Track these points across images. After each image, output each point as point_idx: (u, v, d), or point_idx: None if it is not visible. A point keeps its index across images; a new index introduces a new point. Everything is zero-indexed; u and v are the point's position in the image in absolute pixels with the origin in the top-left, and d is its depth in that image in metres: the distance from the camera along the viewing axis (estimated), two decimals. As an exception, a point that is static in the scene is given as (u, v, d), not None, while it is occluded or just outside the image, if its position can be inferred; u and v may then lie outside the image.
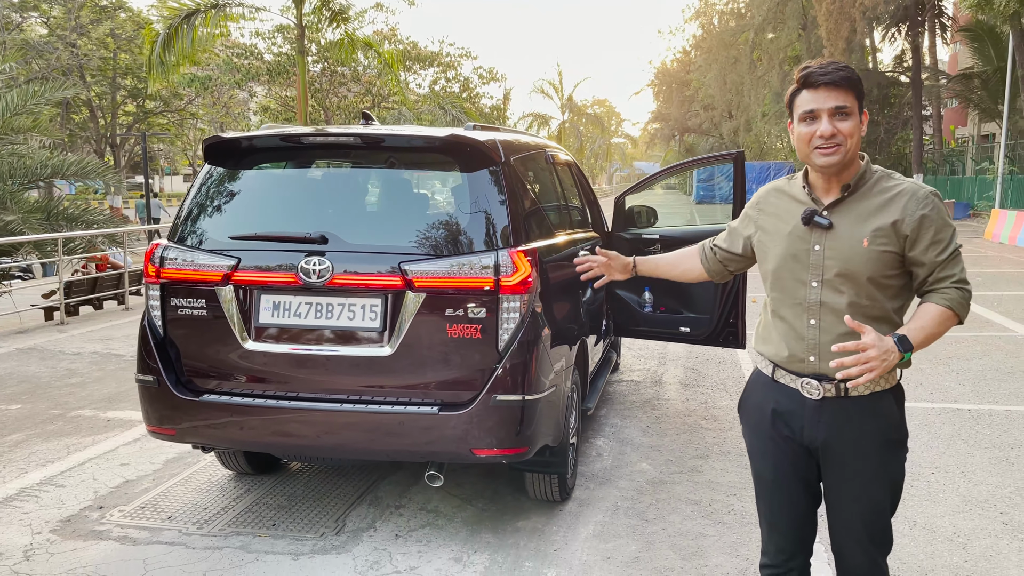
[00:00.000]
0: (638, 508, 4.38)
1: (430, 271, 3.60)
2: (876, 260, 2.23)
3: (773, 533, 2.54)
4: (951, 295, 2.23)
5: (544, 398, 3.79)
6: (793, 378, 2.37)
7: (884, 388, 2.31)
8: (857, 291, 2.26)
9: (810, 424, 2.34)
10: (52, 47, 33.34)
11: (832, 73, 2.22)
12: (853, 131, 2.23)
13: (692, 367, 7.61)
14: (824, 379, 2.30)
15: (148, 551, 3.85)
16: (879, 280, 2.25)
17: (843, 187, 2.30)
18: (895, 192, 2.27)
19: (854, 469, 2.30)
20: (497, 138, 3.99)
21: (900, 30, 36.52)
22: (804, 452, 2.40)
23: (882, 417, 2.29)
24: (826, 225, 2.28)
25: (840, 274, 2.26)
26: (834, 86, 2.21)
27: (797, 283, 2.34)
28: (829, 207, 2.31)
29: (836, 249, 2.27)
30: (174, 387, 3.84)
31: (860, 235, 2.25)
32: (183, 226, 3.99)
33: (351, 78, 33.58)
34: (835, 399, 2.31)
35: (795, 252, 2.35)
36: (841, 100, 2.22)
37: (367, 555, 3.83)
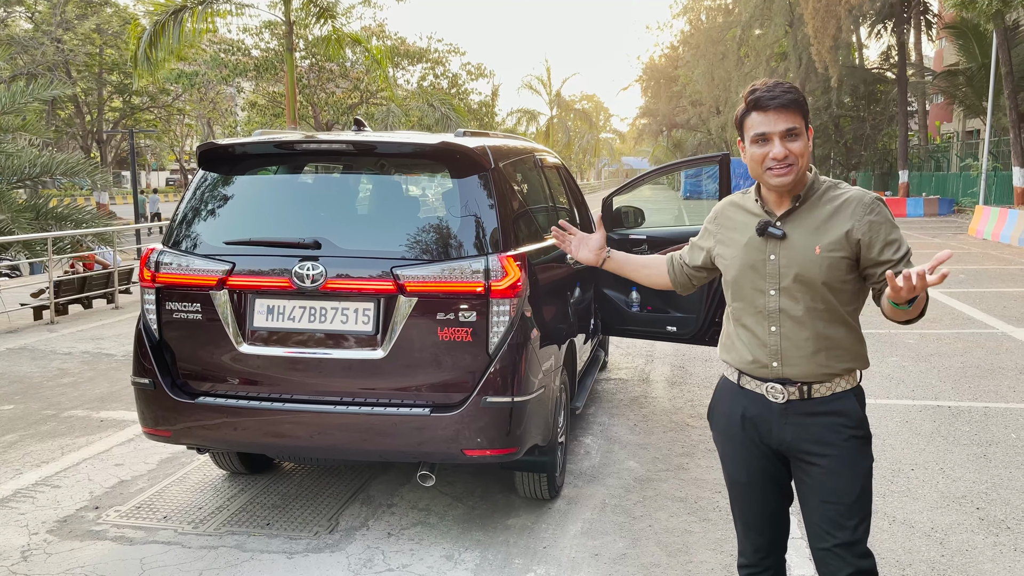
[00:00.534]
0: (625, 505, 4.47)
1: (422, 276, 3.68)
2: (830, 266, 2.34)
3: (749, 533, 2.64)
4: None
5: (533, 399, 3.88)
6: (758, 384, 2.47)
7: (845, 389, 2.42)
8: (813, 296, 2.36)
9: (777, 427, 2.45)
10: (37, 43, 33.14)
11: (781, 96, 2.32)
12: (803, 151, 2.34)
13: (679, 365, 7.71)
14: (788, 383, 2.41)
15: (145, 551, 3.92)
16: (833, 285, 2.35)
17: (794, 198, 2.41)
18: (842, 200, 2.38)
19: (823, 467, 2.39)
20: (487, 144, 4.07)
21: (886, 27, 36.75)
22: (773, 454, 2.51)
23: (845, 415, 2.39)
24: (780, 235, 2.39)
25: (796, 281, 2.37)
26: (783, 109, 2.31)
27: (756, 292, 2.45)
28: (782, 218, 2.41)
29: (791, 258, 2.38)
30: (170, 389, 3.91)
31: (813, 243, 2.36)
32: (178, 231, 4.05)
33: (339, 74, 33.52)
34: (799, 401, 2.41)
35: (752, 263, 2.45)
36: (791, 122, 2.32)
37: (360, 553, 3.91)
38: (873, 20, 37.00)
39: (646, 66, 73.31)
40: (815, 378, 2.40)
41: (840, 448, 2.38)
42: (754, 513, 2.61)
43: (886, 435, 5.51)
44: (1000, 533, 4.04)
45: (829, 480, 2.38)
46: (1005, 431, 5.54)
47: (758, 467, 2.53)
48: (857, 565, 2.36)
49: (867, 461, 2.42)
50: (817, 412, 2.40)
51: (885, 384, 6.82)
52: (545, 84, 62.38)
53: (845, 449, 2.38)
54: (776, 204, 2.45)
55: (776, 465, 2.52)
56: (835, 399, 2.40)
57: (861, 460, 2.40)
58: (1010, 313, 9.94)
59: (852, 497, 2.38)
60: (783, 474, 2.54)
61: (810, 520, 2.45)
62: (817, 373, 2.39)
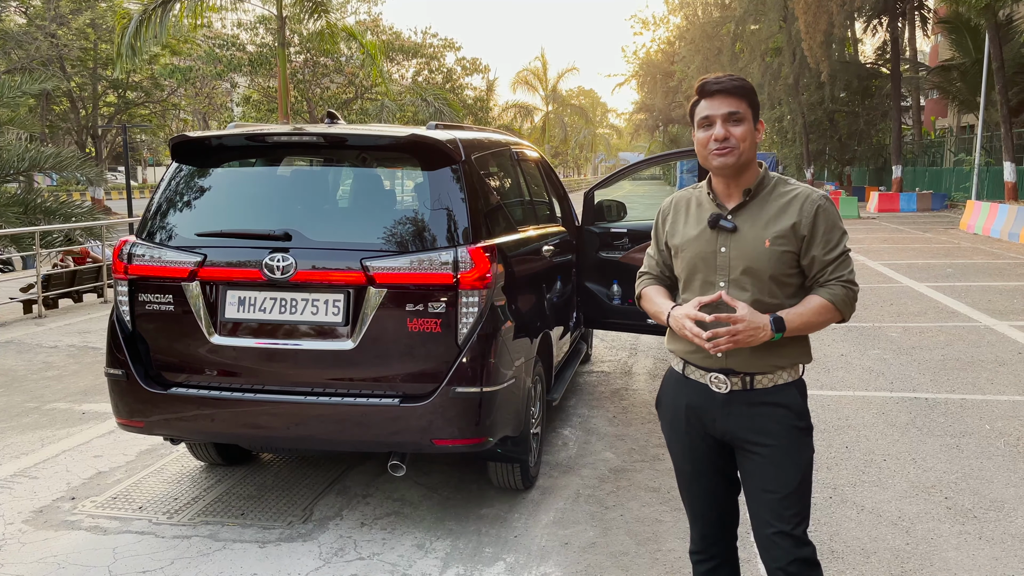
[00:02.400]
0: (598, 495, 4.51)
1: (391, 267, 3.71)
2: (777, 259, 2.40)
3: (696, 521, 2.69)
4: (836, 291, 2.40)
5: (503, 389, 3.92)
6: (702, 373, 2.51)
7: (788, 381, 2.46)
8: (760, 288, 2.42)
9: (720, 417, 2.49)
10: (32, 37, 33.07)
11: (725, 82, 2.41)
12: (745, 135, 2.39)
13: (662, 358, 7.75)
14: (731, 373, 2.45)
15: (118, 540, 3.96)
16: (779, 278, 2.42)
17: (744, 191, 2.46)
18: (791, 196, 2.45)
19: (764, 457, 2.44)
20: (458, 137, 4.10)
21: (882, 22, 36.78)
22: (717, 444, 2.55)
23: (786, 407, 2.44)
24: (731, 228, 2.44)
25: (745, 273, 2.42)
26: (727, 94, 2.39)
27: (706, 284, 2.49)
28: (733, 211, 2.46)
29: (740, 250, 2.43)
30: (143, 380, 3.94)
31: (763, 236, 2.41)
32: (151, 223, 4.08)
33: (334, 69, 33.51)
34: (741, 392, 2.46)
35: (703, 255, 2.49)
36: (733, 107, 2.38)
37: (332, 543, 3.94)
38: (868, 15, 37.03)
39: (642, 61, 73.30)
40: (758, 369, 2.43)
41: (781, 439, 2.43)
42: (700, 502, 2.66)
43: (861, 426, 5.55)
44: (966, 522, 4.08)
45: (770, 470, 2.43)
46: (979, 422, 5.58)
47: (702, 457, 2.58)
48: (796, 553, 2.41)
49: (807, 452, 2.46)
50: (759, 403, 2.45)
51: (865, 376, 6.87)
52: (541, 79, 62.27)
53: (786, 440, 2.43)
54: (727, 197, 2.49)
55: (721, 455, 2.57)
56: (777, 391, 2.45)
57: (802, 451, 2.45)
58: (994, 307, 9.98)
59: (792, 486, 2.42)
60: (728, 463, 2.58)
61: (752, 508, 2.50)
62: (760, 365, 2.43)
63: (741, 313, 2.31)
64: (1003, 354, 7.53)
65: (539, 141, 61.76)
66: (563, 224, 6.24)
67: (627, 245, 6.18)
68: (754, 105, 2.43)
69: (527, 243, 4.67)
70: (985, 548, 3.81)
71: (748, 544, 3.33)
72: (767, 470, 2.44)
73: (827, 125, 40.73)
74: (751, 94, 2.43)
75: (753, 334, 2.31)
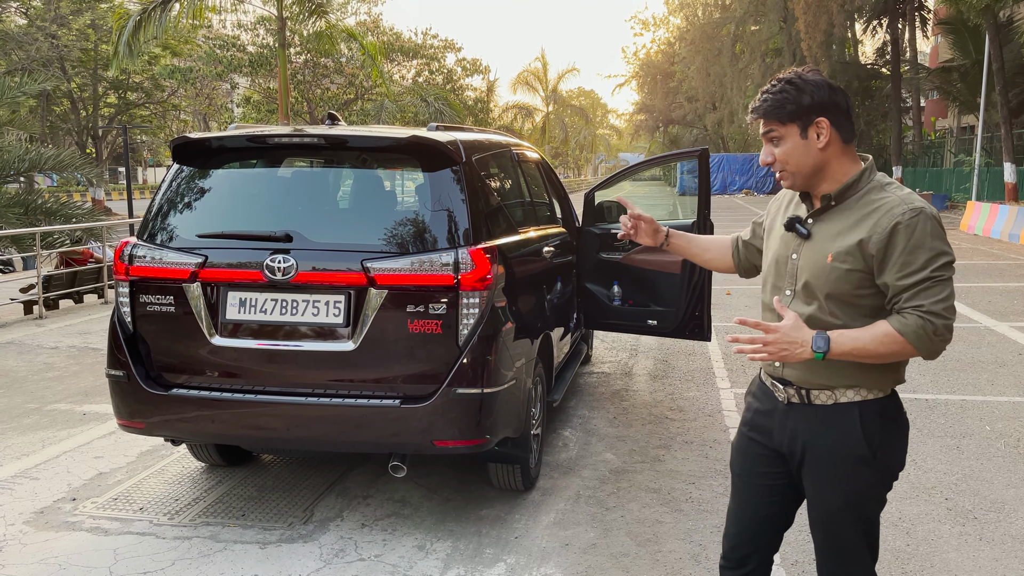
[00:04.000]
0: (599, 497, 4.51)
1: (392, 268, 3.71)
2: (839, 278, 2.17)
3: (730, 528, 2.57)
4: (908, 321, 2.08)
5: (504, 390, 3.92)
6: (770, 380, 2.40)
7: (852, 400, 2.24)
8: (819, 306, 2.22)
9: (779, 427, 2.36)
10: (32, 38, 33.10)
11: (757, 106, 2.26)
12: (787, 155, 2.21)
13: (662, 359, 7.75)
14: (788, 384, 2.32)
15: (119, 541, 3.96)
16: (843, 298, 2.19)
17: (823, 197, 2.25)
18: (874, 207, 2.17)
19: (813, 478, 2.30)
20: (459, 138, 4.10)
21: (881, 23, 36.79)
22: (774, 456, 2.41)
23: (842, 430, 2.23)
24: (804, 235, 2.27)
25: (806, 286, 2.25)
26: (759, 116, 2.26)
27: (775, 288, 2.36)
28: (813, 216, 2.28)
29: (806, 261, 2.26)
30: (143, 381, 3.94)
31: (827, 250, 2.20)
32: (152, 224, 4.09)
33: (334, 70, 33.53)
34: (800, 405, 2.30)
35: (779, 258, 2.36)
36: (767, 127, 2.24)
37: (333, 544, 3.95)
38: (868, 16, 37.06)
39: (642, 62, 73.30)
40: (811, 385, 2.26)
41: (826, 460, 2.27)
42: (736, 506, 2.55)
43: (862, 427, 5.55)
44: (967, 523, 4.08)
45: (813, 488, 2.32)
46: (980, 423, 5.59)
47: (753, 463, 2.46)
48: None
49: (857, 483, 2.25)
50: (816, 419, 2.28)
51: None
52: (541, 80, 62.28)
53: (831, 462, 2.26)
54: (815, 200, 2.32)
55: (775, 468, 2.42)
56: (836, 410, 2.25)
57: (849, 480, 2.25)
58: (994, 307, 9.99)
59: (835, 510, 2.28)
60: (781, 480, 2.42)
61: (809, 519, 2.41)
62: (814, 382, 2.26)
63: (780, 324, 2.13)
64: (1003, 355, 7.53)
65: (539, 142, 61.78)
66: (564, 225, 6.24)
67: (627, 246, 6.18)
68: (796, 115, 2.19)
69: (527, 244, 4.67)
70: (986, 549, 3.81)
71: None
72: (811, 489, 2.32)
73: (827, 125, 40.67)
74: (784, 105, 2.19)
75: (788, 348, 2.12)
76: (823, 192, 2.24)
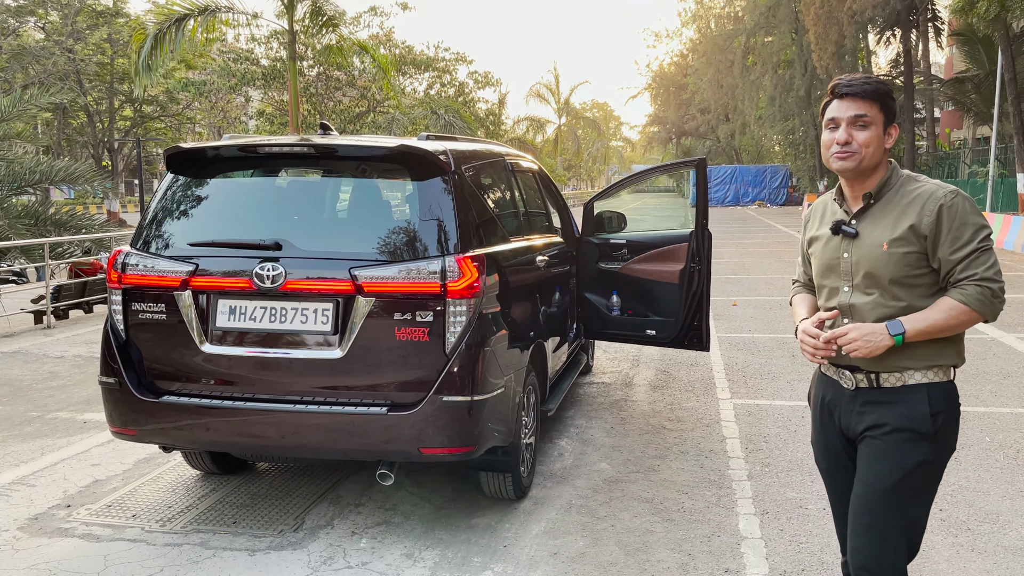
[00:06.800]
0: (591, 506, 4.50)
1: (379, 276, 3.73)
2: (898, 262, 2.37)
3: (837, 524, 2.72)
4: (968, 291, 2.31)
5: (492, 399, 3.92)
6: (835, 370, 2.55)
7: (920, 382, 2.40)
8: (882, 293, 2.41)
9: (846, 413, 2.52)
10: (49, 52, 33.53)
11: (856, 85, 2.39)
12: (870, 141, 2.38)
13: (664, 369, 7.73)
14: (856, 370, 2.47)
15: (110, 548, 3.99)
16: (903, 280, 2.39)
17: (865, 195, 2.46)
18: (915, 195, 2.40)
19: (871, 452, 2.43)
20: (448, 147, 4.13)
21: (895, 34, 36.69)
22: (848, 443, 2.56)
23: (907, 407, 2.39)
24: (853, 234, 2.46)
25: (866, 278, 2.43)
26: (856, 97, 2.38)
27: (833, 290, 2.54)
28: (856, 216, 2.48)
29: (861, 255, 2.44)
30: (135, 389, 3.97)
31: (880, 240, 2.40)
32: (145, 233, 4.13)
33: (346, 83, 33.75)
34: (868, 389, 2.46)
35: (830, 261, 2.54)
36: (861, 110, 2.38)
37: (321, 551, 3.95)
38: (881, 27, 36.96)
39: (655, 74, 73.40)
40: (883, 368, 2.41)
41: (888, 435, 2.40)
42: (837, 502, 2.68)
43: (860, 438, 5.51)
44: (959, 534, 4.05)
45: (866, 461, 2.44)
46: (980, 434, 5.54)
47: (835, 454, 2.61)
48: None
49: (914, 457, 2.37)
50: (884, 402, 2.43)
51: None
52: (554, 92, 62.51)
53: (892, 437, 2.39)
54: (853, 202, 2.51)
55: (851, 453, 2.57)
56: (904, 391, 2.41)
57: (907, 453, 2.37)
58: (1003, 319, 9.87)
59: (885, 483, 2.39)
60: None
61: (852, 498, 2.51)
62: (884, 363, 2.40)
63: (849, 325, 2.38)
64: (1008, 366, 7.46)
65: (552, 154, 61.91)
66: (563, 235, 6.25)
67: (626, 256, 6.19)
68: (887, 110, 2.41)
69: (520, 253, 4.69)
70: (977, 560, 3.78)
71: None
72: (864, 462, 2.45)
73: (840, 137, 40.56)
74: (885, 97, 2.40)
75: (871, 340, 2.33)
76: (864, 190, 2.45)
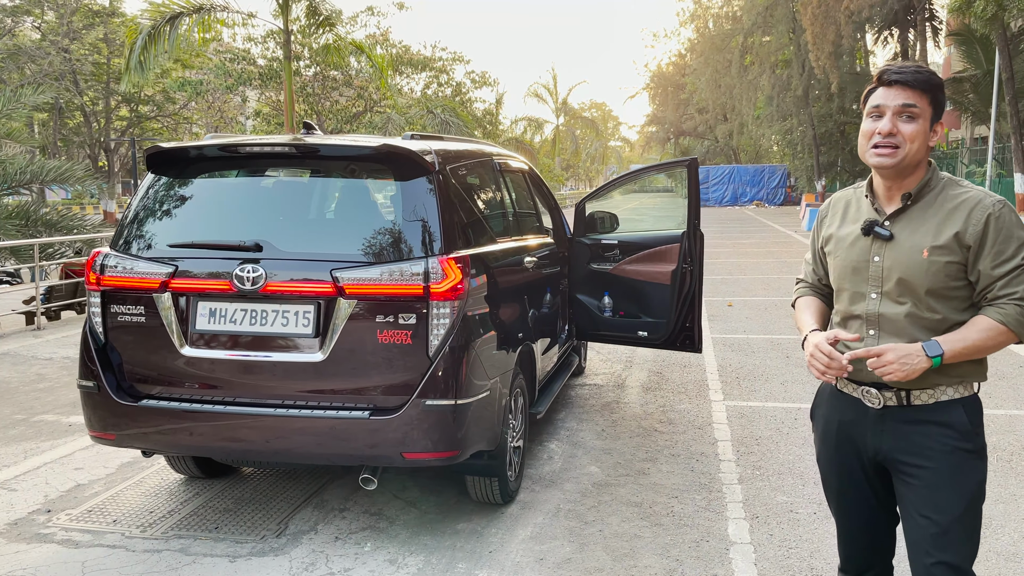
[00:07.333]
0: (579, 510, 4.44)
1: (361, 278, 3.67)
2: (937, 272, 2.19)
3: (842, 541, 2.56)
4: (1008, 311, 2.16)
5: (477, 402, 3.86)
6: (855, 387, 2.35)
7: (953, 397, 2.24)
8: (916, 302, 2.23)
9: (873, 434, 2.32)
10: (44, 52, 33.43)
11: (907, 72, 2.17)
12: (915, 135, 2.17)
13: (657, 371, 7.67)
14: (884, 387, 2.28)
15: (88, 554, 3.92)
16: (940, 291, 2.21)
17: (904, 196, 2.25)
18: (960, 201, 2.21)
19: (921, 480, 2.24)
20: (433, 147, 4.06)
21: (892, 33, 36.65)
22: (871, 464, 2.38)
23: (948, 426, 2.22)
24: (886, 236, 2.25)
25: (899, 285, 2.24)
26: (906, 85, 2.17)
27: (856, 295, 2.33)
28: (891, 217, 2.27)
29: (895, 260, 2.24)
30: (114, 392, 3.91)
31: (920, 246, 2.20)
32: (125, 234, 4.07)
33: (343, 82, 33.65)
34: (897, 408, 2.28)
35: (855, 263, 2.32)
36: (911, 99, 2.17)
37: (304, 557, 3.89)
38: (879, 26, 36.92)
39: (653, 74, 73.31)
40: (915, 384, 2.23)
41: (940, 461, 2.22)
42: (847, 521, 2.51)
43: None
44: (952, 539, 3.98)
45: (926, 493, 2.23)
46: (973, 437, 5.47)
47: (850, 474, 2.42)
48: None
49: (973, 476, 2.24)
50: (917, 420, 2.26)
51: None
52: (551, 92, 62.45)
53: (946, 462, 2.22)
54: (886, 200, 2.30)
55: (875, 475, 2.39)
56: (939, 408, 2.24)
57: (966, 474, 2.23)
58: (999, 319, 9.84)
59: (953, 513, 2.21)
60: (882, 485, 2.41)
61: (909, 536, 2.30)
62: (914, 383, 2.23)
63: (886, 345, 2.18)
64: (1004, 368, 7.41)
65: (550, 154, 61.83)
66: (554, 236, 6.20)
67: (618, 257, 6.13)
68: (937, 103, 2.21)
69: (507, 254, 4.63)
70: (969, 566, 3.71)
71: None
72: (923, 494, 2.24)
73: (838, 137, 40.57)
74: (936, 90, 2.19)
75: (908, 362, 2.14)
76: (903, 189, 2.24)
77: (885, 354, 2.15)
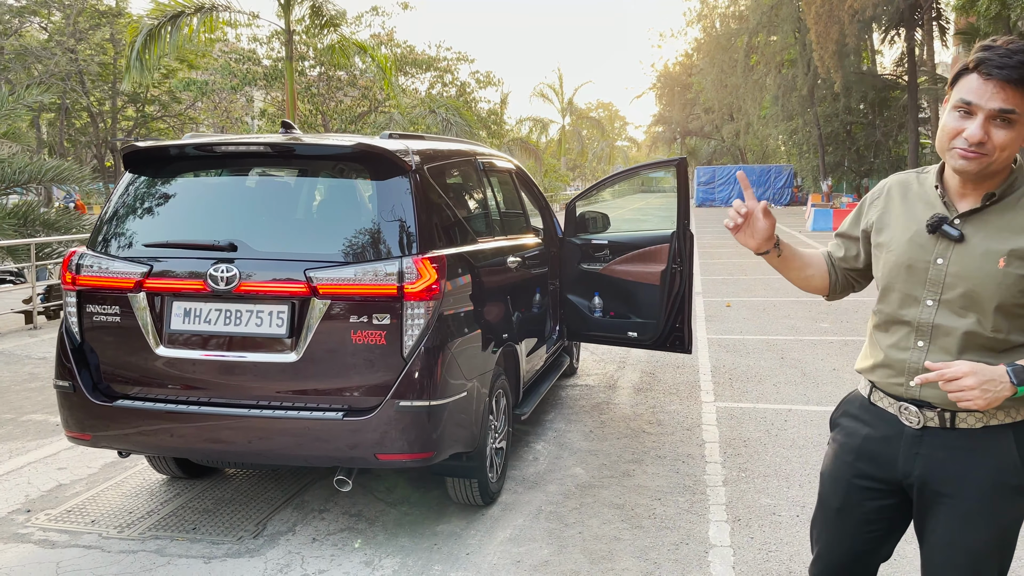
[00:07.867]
0: (560, 512, 4.41)
1: (334, 278, 3.64)
2: (1012, 285, 1.90)
3: (818, 562, 2.30)
4: None
5: (452, 403, 3.83)
6: (892, 402, 2.09)
7: (1004, 422, 1.96)
8: (981, 318, 1.94)
9: (905, 456, 2.05)
10: (51, 53, 33.57)
11: (1010, 68, 1.83)
12: (1008, 143, 1.87)
13: (649, 372, 7.63)
14: (926, 406, 2.02)
15: (63, 554, 3.91)
16: (1012, 308, 1.92)
17: (986, 196, 1.96)
18: None
19: (953, 510, 1.99)
20: (411, 146, 4.04)
21: (899, 33, 36.49)
22: (889, 491, 2.12)
23: (995, 455, 1.96)
24: (956, 237, 1.96)
25: (964, 296, 1.95)
26: (1008, 83, 1.84)
27: (908, 298, 2.04)
28: (963, 216, 1.98)
29: (963, 265, 1.95)
30: (89, 393, 3.89)
31: (997, 253, 1.92)
32: (102, 233, 4.05)
33: (348, 83, 33.68)
34: (938, 430, 2.01)
35: (912, 262, 2.03)
36: (1010, 104, 1.84)
37: (279, 558, 3.87)
38: (886, 26, 36.77)
39: (660, 74, 73.22)
40: (960, 408, 1.95)
41: (980, 494, 1.97)
42: (832, 543, 2.24)
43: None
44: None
45: (960, 529, 1.99)
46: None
47: (857, 496, 2.16)
48: None
49: (1014, 515, 2.00)
50: (959, 447, 1.99)
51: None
52: (557, 92, 62.35)
53: (988, 498, 1.97)
54: (959, 196, 2.01)
55: (886, 501, 2.13)
56: (987, 433, 1.97)
57: (1006, 514, 1.99)
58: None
59: (985, 557, 1.99)
60: (892, 512, 2.15)
61: (931, 562, 2.07)
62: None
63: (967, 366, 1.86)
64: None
65: (556, 154, 61.77)
66: (544, 235, 6.16)
67: (608, 257, 6.10)
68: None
69: (489, 254, 4.59)
70: (949, 570, 3.67)
71: None
72: (954, 528, 1.99)
73: (843, 136, 40.41)
74: None
75: (991, 390, 1.84)
76: (984, 190, 1.96)
77: (964, 378, 1.84)
